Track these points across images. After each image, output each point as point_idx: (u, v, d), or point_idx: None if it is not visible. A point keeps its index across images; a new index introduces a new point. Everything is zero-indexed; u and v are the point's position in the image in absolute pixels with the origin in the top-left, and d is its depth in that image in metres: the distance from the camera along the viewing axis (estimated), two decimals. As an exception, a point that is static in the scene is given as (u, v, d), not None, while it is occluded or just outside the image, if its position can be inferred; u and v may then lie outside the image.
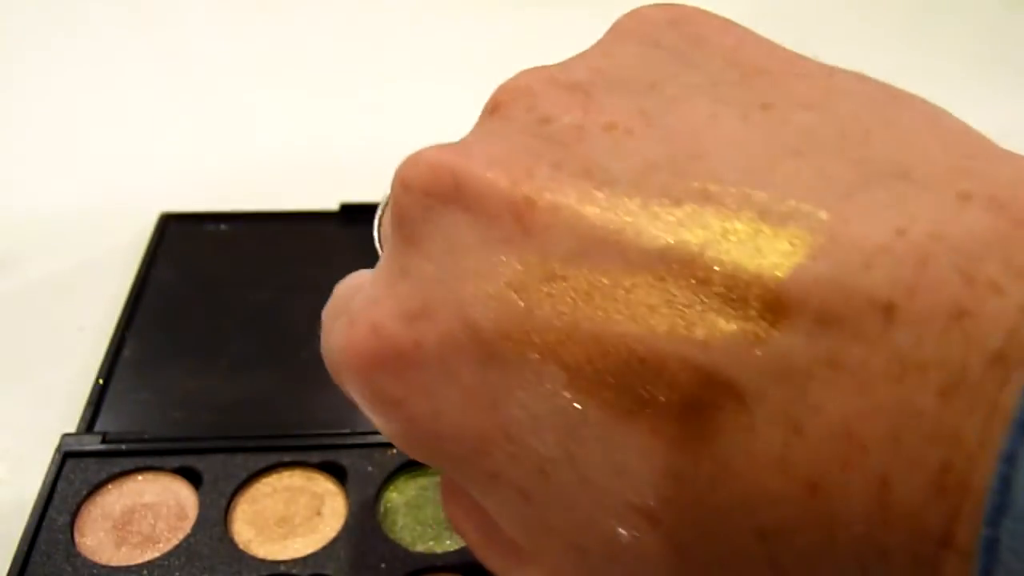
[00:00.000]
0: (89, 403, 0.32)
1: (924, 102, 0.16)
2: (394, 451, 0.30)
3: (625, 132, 0.16)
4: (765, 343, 0.13)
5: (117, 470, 0.29)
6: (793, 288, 0.13)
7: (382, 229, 0.22)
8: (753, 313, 0.13)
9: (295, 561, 0.27)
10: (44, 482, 0.29)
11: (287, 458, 0.30)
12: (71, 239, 0.42)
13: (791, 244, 0.14)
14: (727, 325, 0.14)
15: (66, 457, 0.29)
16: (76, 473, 0.29)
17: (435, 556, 0.27)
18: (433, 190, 0.17)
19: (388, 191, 0.22)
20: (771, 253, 0.14)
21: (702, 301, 0.14)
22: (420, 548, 0.28)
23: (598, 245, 0.15)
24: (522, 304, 0.15)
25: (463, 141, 0.18)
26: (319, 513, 0.29)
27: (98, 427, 0.31)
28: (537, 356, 0.15)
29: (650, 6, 0.19)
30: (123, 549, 0.27)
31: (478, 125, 0.18)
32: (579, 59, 0.19)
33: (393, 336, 0.17)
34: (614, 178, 0.15)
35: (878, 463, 0.12)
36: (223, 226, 0.41)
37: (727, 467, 0.14)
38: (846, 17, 0.65)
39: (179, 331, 0.36)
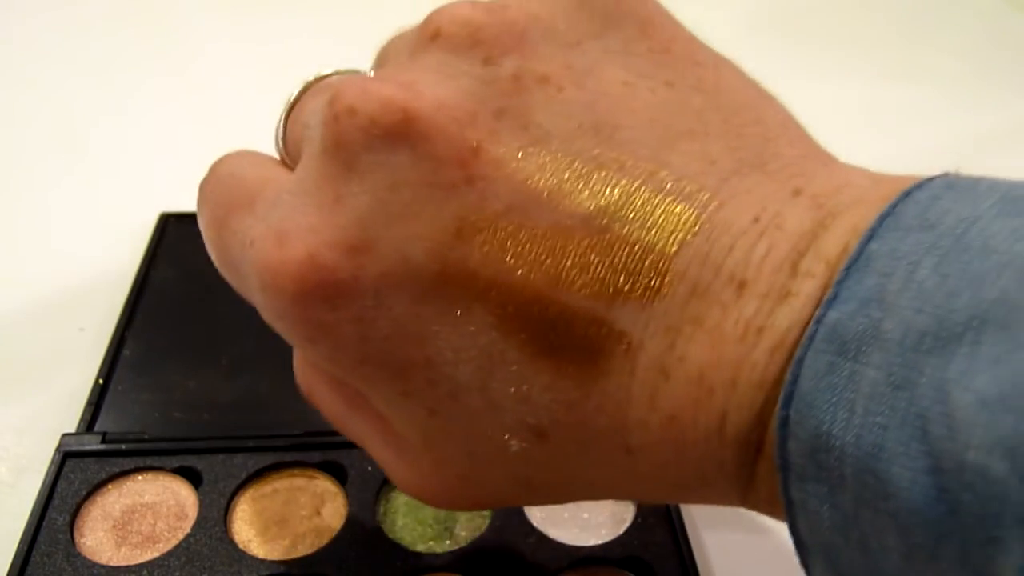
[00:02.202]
0: (89, 403, 0.32)
1: (778, 102, 0.20)
2: (394, 451, 0.30)
3: (557, 88, 0.18)
4: (652, 304, 0.16)
5: (117, 470, 0.29)
6: (679, 261, 0.16)
7: (288, 134, 0.22)
8: (646, 279, 0.17)
9: (295, 561, 0.27)
10: (44, 482, 0.29)
11: (287, 458, 0.30)
12: (71, 239, 0.42)
13: (682, 221, 0.17)
14: (625, 285, 0.17)
15: (66, 457, 0.29)
16: (76, 473, 0.29)
17: (435, 556, 0.27)
18: (381, 123, 0.17)
19: (296, 91, 0.22)
20: (666, 227, 0.17)
21: (610, 263, 0.17)
22: (420, 548, 0.28)
23: (532, 203, 0.17)
24: (460, 250, 0.17)
25: (408, 73, 0.18)
26: (319, 513, 0.29)
27: (98, 427, 0.31)
28: (469, 298, 0.17)
29: None
30: (123, 549, 0.27)
31: (419, 52, 0.19)
32: None
33: (332, 268, 0.17)
34: (548, 136, 0.17)
35: (721, 402, 0.16)
36: (223, 226, 0.41)
37: (610, 400, 0.17)
38: (847, 17, 0.65)
39: (179, 331, 0.36)
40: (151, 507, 0.29)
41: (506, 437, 0.18)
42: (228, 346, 0.35)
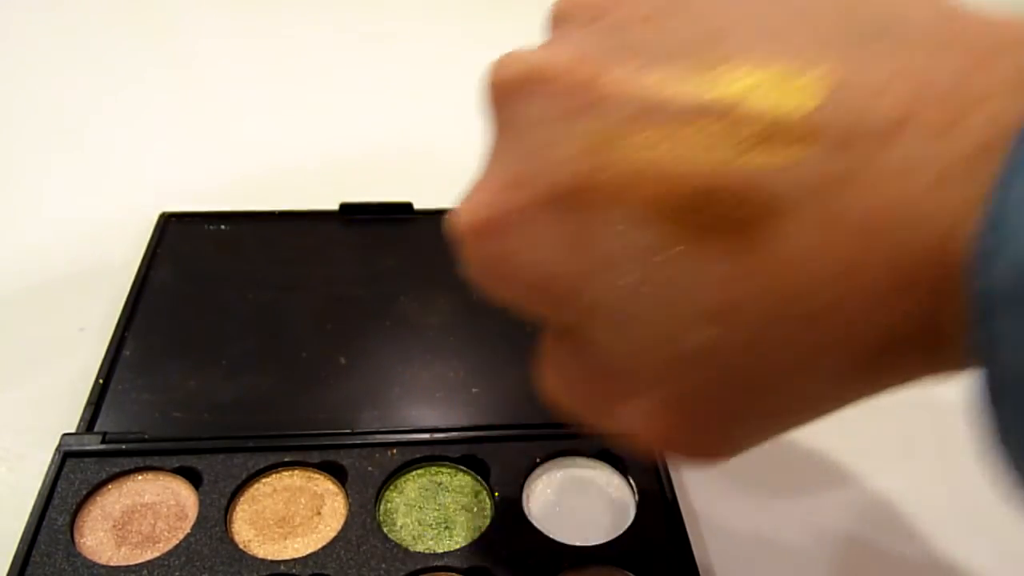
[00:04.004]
0: (89, 403, 0.32)
1: None
2: (394, 451, 0.30)
3: (659, 21, 0.20)
4: (798, 165, 0.17)
5: (117, 470, 0.29)
6: (817, 118, 0.17)
7: None
8: (785, 143, 0.17)
9: (295, 561, 0.27)
10: (44, 482, 0.29)
11: (287, 458, 0.30)
12: (71, 239, 0.42)
13: (811, 87, 0.17)
14: (763, 155, 0.17)
15: (66, 457, 0.29)
16: (76, 473, 0.29)
17: (435, 556, 0.27)
18: (512, 81, 0.21)
19: None
20: (795, 95, 0.17)
21: (742, 139, 0.17)
22: (420, 548, 0.28)
23: (653, 106, 0.18)
24: (595, 161, 0.19)
25: (531, 50, 0.21)
26: (319, 513, 0.29)
27: (98, 427, 0.31)
28: (614, 200, 0.19)
29: None
30: (123, 549, 0.27)
31: (546, 37, 0.22)
32: None
33: (493, 205, 0.20)
34: (658, 55, 0.19)
35: (891, 242, 0.16)
36: (223, 226, 0.41)
37: (778, 263, 0.17)
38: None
39: (179, 331, 0.36)
40: (151, 507, 0.29)
41: (691, 332, 0.18)
42: (228, 346, 0.35)
